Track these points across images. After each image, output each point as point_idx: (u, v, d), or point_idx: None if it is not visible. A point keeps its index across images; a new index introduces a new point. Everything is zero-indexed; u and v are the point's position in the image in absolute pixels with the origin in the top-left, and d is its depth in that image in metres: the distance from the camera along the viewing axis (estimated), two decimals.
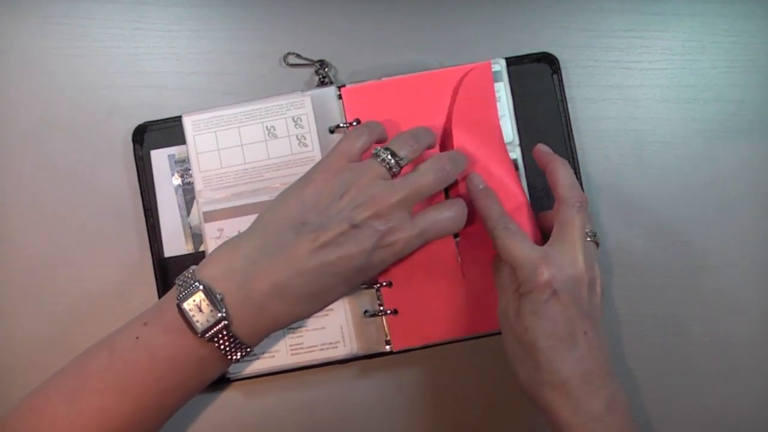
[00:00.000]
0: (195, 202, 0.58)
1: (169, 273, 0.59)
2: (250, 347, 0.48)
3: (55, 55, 0.62)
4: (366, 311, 0.57)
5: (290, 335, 0.57)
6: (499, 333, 0.53)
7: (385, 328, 0.56)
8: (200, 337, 0.45)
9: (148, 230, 0.59)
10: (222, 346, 0.46)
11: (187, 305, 0.45)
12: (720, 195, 0.59)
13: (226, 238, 0.57)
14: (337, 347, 0.57)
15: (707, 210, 0.59)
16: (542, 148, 0.54)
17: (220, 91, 0.61)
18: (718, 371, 0.59)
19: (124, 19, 0.62)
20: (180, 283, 0.47)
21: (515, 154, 0.57)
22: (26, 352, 0.61)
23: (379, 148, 0.50)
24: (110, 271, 0.61)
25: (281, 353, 0.57)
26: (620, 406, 0.48)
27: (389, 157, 0.50)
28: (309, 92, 0.58)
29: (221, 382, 0.58)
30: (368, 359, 0.57)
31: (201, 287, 0.45)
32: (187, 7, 0.62)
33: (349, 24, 0.61)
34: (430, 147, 0.54)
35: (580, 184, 0.57)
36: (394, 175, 0.50)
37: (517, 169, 0.56)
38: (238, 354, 0.47)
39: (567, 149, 0.58)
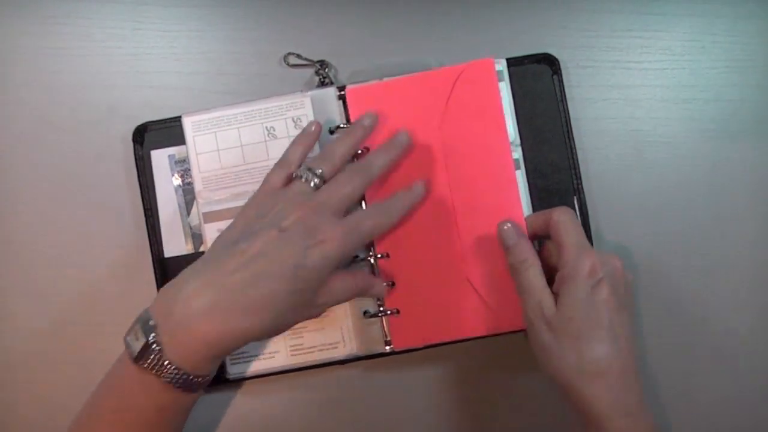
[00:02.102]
0: (195, 202, 0.58)
1: (169, 273, 0.59)
2: (196, 376, 0.46)
3: (55, 55, 0.62)
4: (366, 312, 0.57)
5: (290, 336, 0.57)
6: (502, 334, 0.54)
7: (385, 329, 0.56)
8: (135, 362, 0.45)
9: (148, 230, 0.59)
10: (160, 373, 0.45)
11: (129, 336, 0.46)
12: (720, 195, 0.59)
13: None
14: (337, 348, 0.57)
15: (707, 210, 0.59)
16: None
17: (220, 91, 0.61)
18: (718, 371, 0.59)
19: (124, 19, 0.62)
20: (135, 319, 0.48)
21: (517, 153, 0.57)
22: (26, 352, 0.61)
23: (299, 170, 0.52)
24: (110, 271, 0.61)
25: (281, 354, 0.57)
26: (648, 406, 0.49)
27: (310, 175, 0.51)
28: (309, 93, 0.58)
29: (221, 382, 0.58)
30: (368, 360, 0.57)
31: (138, 317, 0.46)
32: (187, 7, 0.62)
33: (349, 24, 0.61)
34: (355, 151, 0.54)
35: (581, 185, 0.58)
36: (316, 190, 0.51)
37: (518, 168, 0.56)
38: (184, 382, 0.46)
39: (567, 149, 0.58)
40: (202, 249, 0.58)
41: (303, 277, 0.47)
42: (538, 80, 0.58)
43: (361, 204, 0.55)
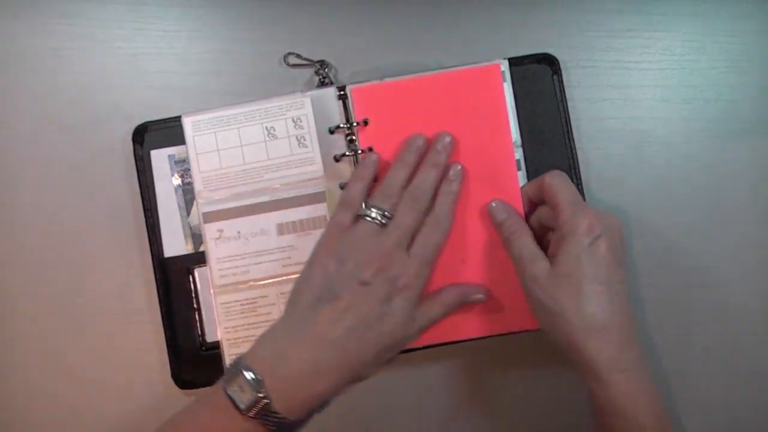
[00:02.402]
0: (195, 202, 0.58)
1: (168, 273, 0.59)
2: (299, 421, 0.50)
3: (55, 55, 0.62)
4: None
5: None
6: (503, 335, 0.55)
7: None
8: (244, 414, 0.48)
9: (148, 230, 0.59)
10: (268, 422, 0.48)
11: (231, 387, 0.48)
12: (720, 194, 0.59)
13: (226, 239, 0.57)
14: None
15: (707, 210, 0.59)
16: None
17: (220, 91, 0.61)
18: (718, 371, 0.59)
19: (124, 19, 0.62)
20: (227, 368, 0.50)
21: (518, 154, 0.57)
22: (26, 352, 0.61)
23: (363, 209, 0.53)
24: (110, 270, 0.61)
25: None
26: (647, 365, 0.49)
27: (374, 213, 0.53)
28: (309, 93, 0.58)
29: None
30: None
31: (242, 371, 0.48)
32: (187, 7, 0.62)
33: (349, 24, 0.61)
34: (409, 177, 0.55)
35: (581, 185, 0.58)
36: (383, 226, 0.53)
37: (519, 169, 0.56)
38: (287, 427, 0.49)
39: (567, 150, 0.58)
40: (201, 249, 0.58)
41: (390, 322, 0.51)
42: (538, 80, 0.58)
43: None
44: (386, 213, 0.53)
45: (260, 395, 0.48)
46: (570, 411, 0.59)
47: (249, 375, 0.48)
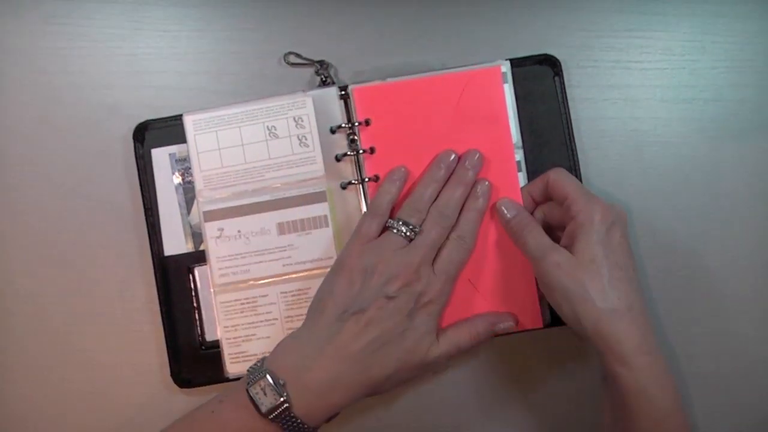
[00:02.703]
0: (195, 201, 0.58)
1: (169, 271, 0.59)
2: (314, 427, 0.51)
3: (55, 55, 0.62)
4: None
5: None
6: (504, 335, 0.55)
7: None
8: (265, 417, 0.49)
9: (148, 229, 0.59)
10: (285, 425, 0.50)
11: (253, 389, 0.50)
12: (720, 195, 0.59)
13: (227, 238, 0.57)
14: None
15: (707, 210, 0.59)
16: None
17: (220, 91, 0.61)
18: (718, 371, 0.59)
19: (124, 19, 0.62)
20: (250, 370, 0.52)
21: (519, 155, 0.57)
22: (26, 352, 0.61)
23: (392, 221, 0.54)
24: (110, 269, 0.61)
25: None
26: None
27: (402, 227, 0.53)
28: (310, 92, 0.58)
29: (221, 382, 0.58)
30: None
31: (266, 375, 0.50)
32: (187, 7, 0.62)
33: (350, 24, 0.61)
34: (438, 192, 0.55)
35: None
36: (410, 240, 0.53)
37: (520, 171, 0.57)
38: (304, 430, 0.51)
39: (568, 151, 0.58)
40: (202, 248, 0.58)
41: (412, 338, 0.52)
42: (539, 81, 0.58)
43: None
44: (414, 228, 0.53)
45: (282, 400, 0.49)
46: (570, 410, 0.59)
47: (273, 379, 0.50)
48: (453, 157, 0.56)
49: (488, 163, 0.56)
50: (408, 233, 0.53)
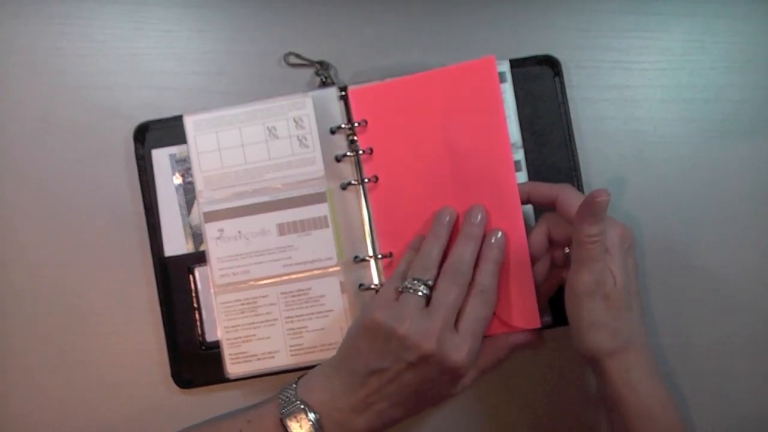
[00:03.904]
0: (196, 201, 0.58)
1: (169, 272, 0.59)
2: None
3: (55, 55, 0.62)
4: None
5: (290, 336, 0.57)
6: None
7: None
8: None
9: (148, 229, 0.59)
10: None
11: (291, 421, 0.51)
12: (720, 195, 0.59)
13: (227, 239, 0.57)
14: (336, 348, 0.57)
15: (707, 210, 0.59)
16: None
17: (220, 91, 0.61)
18: (719, 371, 0.59)
19: (124, 19, 0.62)
20: (283, 397, 0.52)
21: (519, 155, 0.57)
22: (26, 352, 0.61)
23: (405, 283, 0.52)
24: (110, 270, 0.61)
25: (281, 354, 0.57)
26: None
27: (418, 285, 0.52)
28: (310, 93, 0.58)
29: (222, 381, 0.58)
30: None
31: (303, 408, 0.51)
32: (187, 7, 0.62)
33: (350, 24, 0.61)
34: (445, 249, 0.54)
35: (581, 187, 0.58)
36: (428, 298, 0.52)
37: (519, 170, 0.56)
38: None
39: (568, 151, 0.58)
40: (202, 248, 0.58)
41: (437, 396, 0.53)
42: (539, 82, 0.58)
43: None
44: (428, 282, 0.52)
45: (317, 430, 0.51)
46: (571, 410, 0.59)
47: (312, 416, 0.51)
48: (450, 212, 0.55)
49: (485, 157, 0.55)
50: (424, 290, 0.51)
